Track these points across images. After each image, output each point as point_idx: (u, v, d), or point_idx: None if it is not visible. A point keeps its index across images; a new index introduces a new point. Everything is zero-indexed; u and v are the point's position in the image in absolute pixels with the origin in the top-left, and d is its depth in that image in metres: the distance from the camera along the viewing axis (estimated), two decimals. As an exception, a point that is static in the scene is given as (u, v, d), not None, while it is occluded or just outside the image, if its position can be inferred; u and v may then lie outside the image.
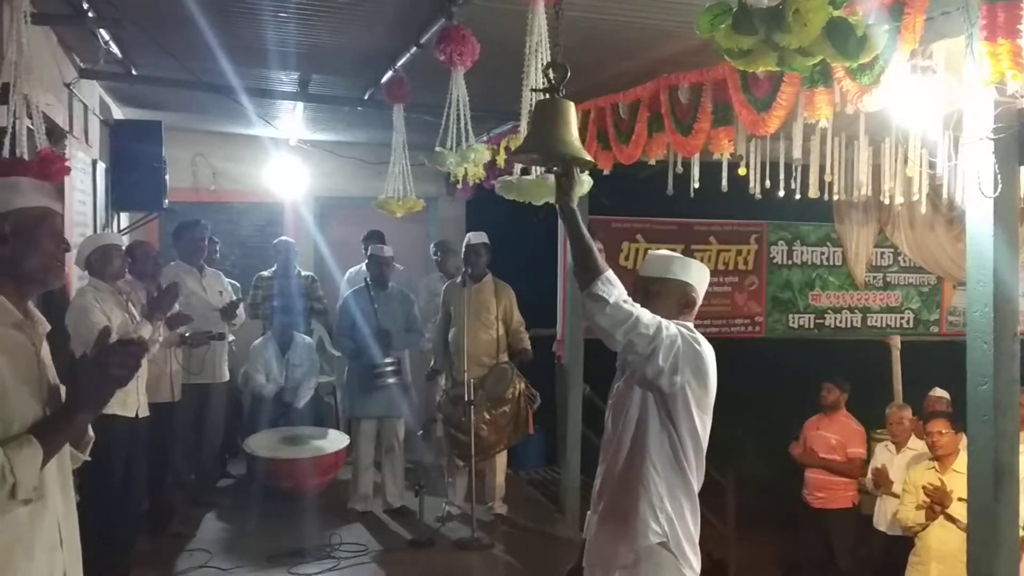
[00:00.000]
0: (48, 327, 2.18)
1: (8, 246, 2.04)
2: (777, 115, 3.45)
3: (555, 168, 2.69)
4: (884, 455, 6.11)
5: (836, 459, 6.26)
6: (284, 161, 8.39)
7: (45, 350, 2.16)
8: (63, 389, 2.14)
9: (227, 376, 6.33)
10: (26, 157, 3.13)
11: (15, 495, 1.87)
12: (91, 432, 2.25)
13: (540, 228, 6.83)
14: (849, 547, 6.30)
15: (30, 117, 3.19)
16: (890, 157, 4.89)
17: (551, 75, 2.60)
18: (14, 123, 3.12)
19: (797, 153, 4.16)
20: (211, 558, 5.37)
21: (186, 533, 5.74)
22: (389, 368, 6.14)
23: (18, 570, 1.97)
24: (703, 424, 2.80)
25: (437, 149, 3.96)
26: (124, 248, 5.16)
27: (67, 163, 3.00)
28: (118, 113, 7.14)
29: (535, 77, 3.11)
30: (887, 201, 5.07)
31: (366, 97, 6.16)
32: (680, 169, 4.85)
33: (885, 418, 6.32)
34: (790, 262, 7.71)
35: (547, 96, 2.62)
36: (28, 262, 2.06)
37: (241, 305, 6.85)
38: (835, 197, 5.34)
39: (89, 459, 2.27)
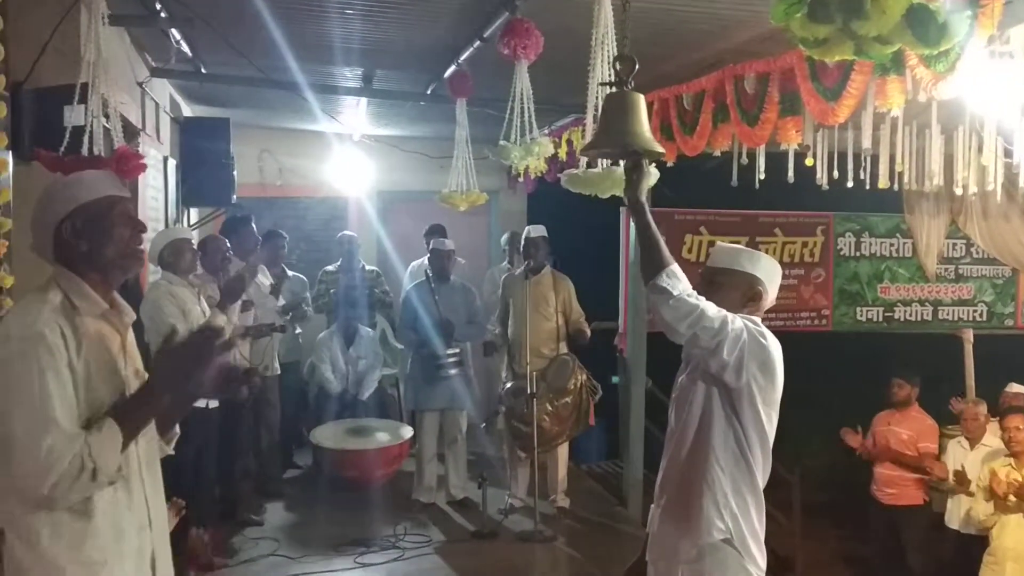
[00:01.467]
0: (133, 316, 2.24)
1: (83, 241, 2.09)
2: (847, 104, 3.38)
3: (624, 162, 2.67)
4: (957, 451, 5.96)
5: (907, 452, 6.13)
6: (348, 156, 8.48)
7: (131, 339, 2.22)
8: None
9: (279, 369, 6.42)
10: (103, 155, 3.22)
11: (96, 478, 1.92)
12: (177, 428, 2.32)
13: (601, 221, 6.84)
14: (920, 545, 6.15)
15: (106, 116, 3.28)
16: (963, 145, 4.75)
17: (618, 68, 2.59)
18: (92, 122, 3.21)
19: (867, 143, 4.08)
20: (279, 546, 5.49)
21: (254, 521, 5.87)
22: (451, 360, 6.19)
23: (109, 550, 2.03)
24: (769, 419, 2.76)
25: (501, 143, 3.98)
26: (196, 243, 5.27)
27: (143, 160, 3.08)
28: (187, 111, 7.30)
29: (601, 70, 3.10)
30: (960, 191, 4.93)
31: (429, 92, 6.20)
32: (745, 160, 4.78)
33: (959, 413, 6.15)
34: (858, 254, 7.55)
35: (615, 89, 2.60)
36: (105, 252, 2.11)
37: (305, 302, 6.98)
38: (905, 187, 5.23)
39: (172, 453, 2.33)
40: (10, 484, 1.95)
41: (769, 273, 2.86)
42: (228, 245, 5.66)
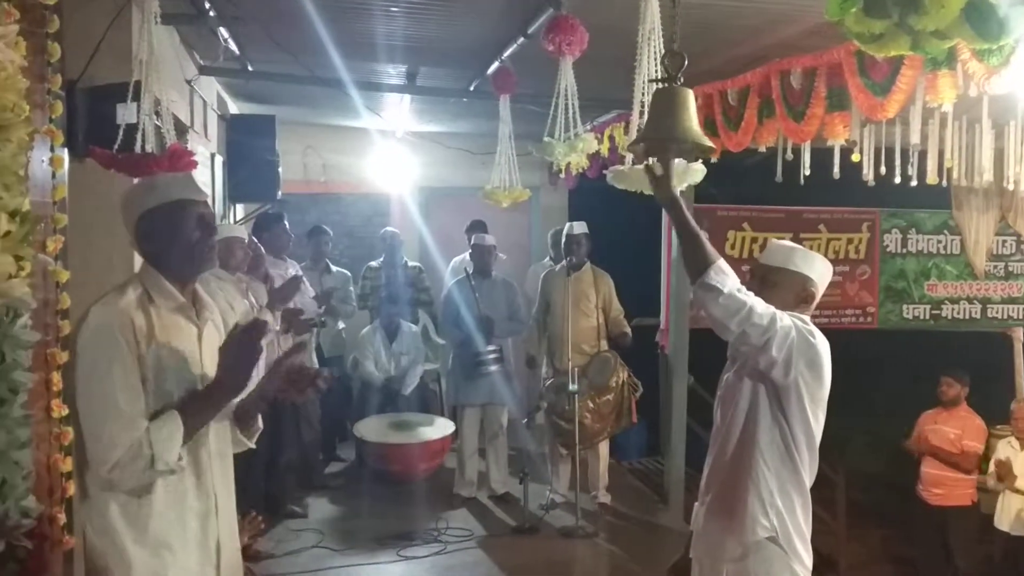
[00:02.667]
0: (215, 310, 2.34)
1: (153, 242, 2.20)
2: (897, 99, 3.34)
3: (647, 161, 2.64)
4: (1007, 451, 5.85)
5: (951, 450, 6.03)
6: (391, 152, 8.53)
7: (209, 332, 2.29)
8: None
9: (316, 363, 6.46)
10: (155, 152, 3.27)
11: (154, 466, 2.01)
12: (260, 422, 2.39)
13: (642, 217, 6.81)
14: (968, 546, 6.07)
15: (158, 114, 3.33)
16: (1015, 140, 4.66)
17: (667, 63, 2.58)
18: (144, 120, 3.27)
19: (915, 138, 4.02)
20: (323, 539, 5.56)
21: (299, 514, 5.94)
22: (491, 356, 6.21)
23: (172, 534, 2.12)
24: (816, 418, 2.73)
25: (545, 139, 3.97)
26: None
27: (194, 157, 3.13)
28: (234, 108, 7.39)
29: (647, 65, 3.08)
30: (1011, 187, 4.84)
31: (472, 88, 6.21)
32: (790, 155, 4.74)
33: (1010, 413, 6.04)
34: (904, 251, 7.44)
35: (664, 85, 2.59)
36: (173, 255, 2.19)
37: (350, 293, 7.04)
38: (954, 183, 5.14)
39: (253, 447, 2.41)
40: (83, 465, 2.08)
41: (822, 275, 2.84)
42: (257, 244, 5.68)
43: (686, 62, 2.55)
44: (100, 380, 2.03)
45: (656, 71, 2.94)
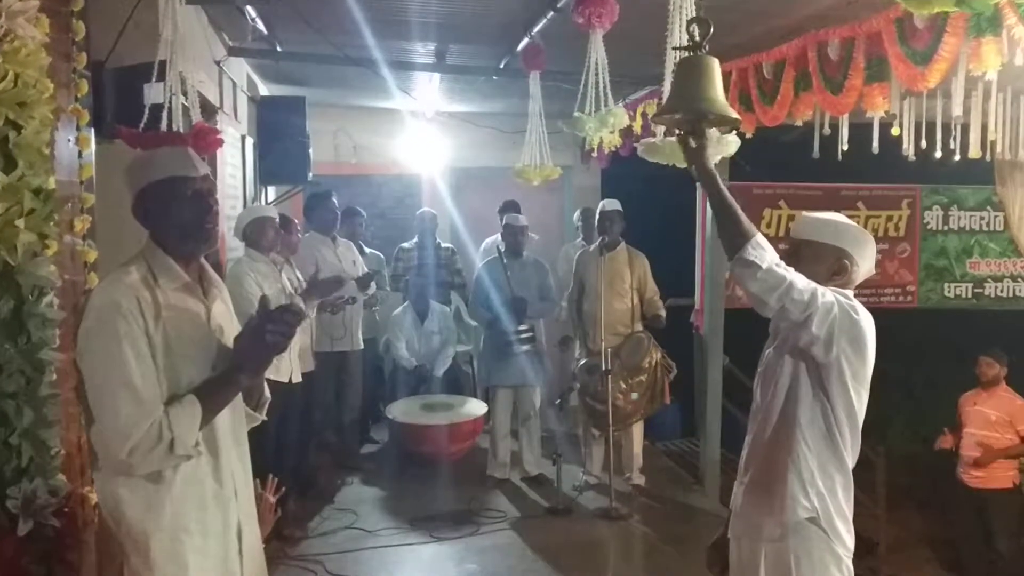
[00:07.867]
0: (222, 288, 2.28)
1: (150, 220, 2.14)
2: (939, 68, 3.22)
3: (678, 131, 2.56)
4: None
5: (995, 434, 5.91)
6: (421, 133, 8.50)
7: (219, 310, 2.25)
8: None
9: (362, 344, 6.47)
10: (182, 131, 3.26)
11: (173, 450, 1.97)
12: (267, 393, 2.35)
13: (676, 195, 6.72)
14: (1009, 529, 5.97)
15: (185, 94, 3.32)
16: (1063, 112, 4.53)
17: (693, 31, 2.50)
18: (170, 99, 3.26)
19: (957, 110, 3.90)
20: (357, 519, 5.56)
21: (332, 495, 5.95)
22: (523, 336, 6.18)
23: (191, 519, 2.08)
24: (859, 397, 2.65)
25: (576, 114, 3.91)
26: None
27: (220, 135, 3.11)
28: (264, 90, 7.38)
29: (679, 36, 3.01)
30: (1058, 160, 4.70)
31: (502, 66, 6.15)
32: (828, 130, 4.63)
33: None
34: (946, 228, 7.28)
35: (689, 54, 2.51)
36: (172, 232, 2.14)
37: (384, 276, 7.03)
38: (997, 157, 5.00)
39: (265, 419, 2.36)
40: (96, 450, 2.03)
41: (856, 244, 2.73)
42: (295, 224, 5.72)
43: (712, 29, 2.46)
44: (112, 360, 1.97)
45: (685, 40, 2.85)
